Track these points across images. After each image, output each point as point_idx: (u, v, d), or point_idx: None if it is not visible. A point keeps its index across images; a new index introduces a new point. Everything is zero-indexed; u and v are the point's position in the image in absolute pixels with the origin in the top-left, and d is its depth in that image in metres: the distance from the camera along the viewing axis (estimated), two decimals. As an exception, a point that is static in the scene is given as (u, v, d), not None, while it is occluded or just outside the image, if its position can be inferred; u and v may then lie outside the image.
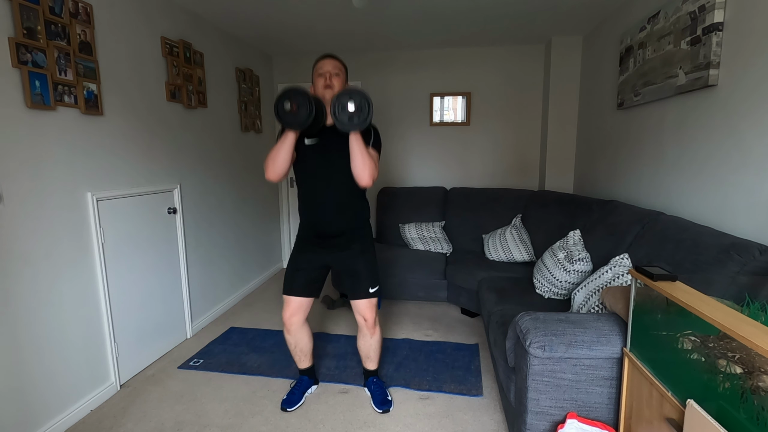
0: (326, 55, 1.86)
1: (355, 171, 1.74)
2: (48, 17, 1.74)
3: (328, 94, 1.80)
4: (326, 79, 1.81)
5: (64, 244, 1.85)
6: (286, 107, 1.62)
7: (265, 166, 1.76)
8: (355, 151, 1.71)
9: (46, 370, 1.77)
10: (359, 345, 2.05)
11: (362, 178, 1.74)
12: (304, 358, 2.06)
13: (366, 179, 1.74)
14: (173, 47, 2.56)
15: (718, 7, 1.72)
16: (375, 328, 1.98)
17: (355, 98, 1.63)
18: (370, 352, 2.03)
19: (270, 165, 1.74)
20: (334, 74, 1.82)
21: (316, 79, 1.85)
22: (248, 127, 3.56)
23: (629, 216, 2.12)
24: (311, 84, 1.89)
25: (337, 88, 1.81)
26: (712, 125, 1.81)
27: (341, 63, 1.87)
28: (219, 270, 3.14)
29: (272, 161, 1.74)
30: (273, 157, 1.74)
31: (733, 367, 0.87)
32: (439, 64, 3.85)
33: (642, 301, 1.22)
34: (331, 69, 1.82)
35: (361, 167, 1.72)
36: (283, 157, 1.73)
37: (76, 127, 1.90)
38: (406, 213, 3.68)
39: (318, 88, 1.83)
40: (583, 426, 1.34)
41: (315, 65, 1.86)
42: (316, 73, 1.85)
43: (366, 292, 1.92)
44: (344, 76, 1.88)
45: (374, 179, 1.76)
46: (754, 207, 1.58)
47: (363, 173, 1.73)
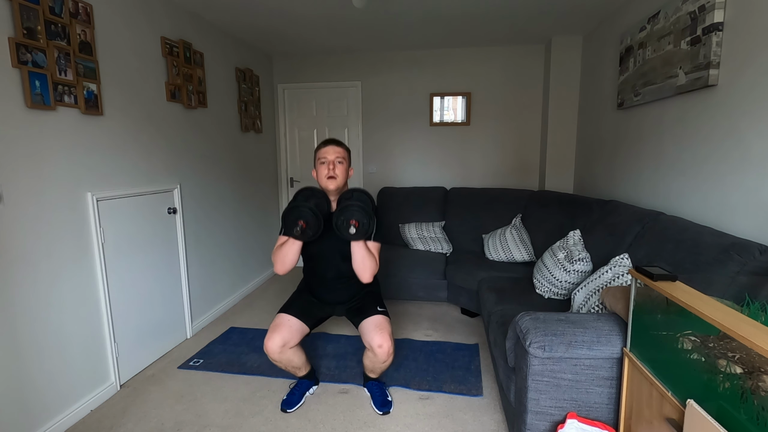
0: (328, 142, 1.88)
1: (356, 269, 1.80)
2: (48, 17, 1.74)
3: (331, 184, 1.83)
4: (329, 169, 1.83)
5: (64, 244, 1.85)
6: (296, 230, 1.69)
7: (274, 261, 1.82)
8: (356, 254, 1.77)
9: (46, 370, 1.77)
10: (366, 362, 1.95)
11: (362, 276, 1.80)
12: (299, 370, 2.00)
13: (367, 278, 1.79)
14: (173, 47, 2.56)
15: (718, 7, 1.72)
16: (390, 355, 1.83)
17: (356, 217, 1.68)
18: (376, 369, 1.96)
19: (279, 265, 1.80)
20: (337, 163, 1.84)
21: (318, 166, 1.86)
22: (248, 127, 3.56)
23: (629, 216, 2.12)
24: (314, 168, 1.91)
25: (341, 177, 1.84)
26: (712, 125, 1.81)
27: (344, 149, 1.89)
28: (219, 270, 3.14)
29: (281, 262, 1.79)
30: (281, 259, 1.79)
31: (733, 367, 0.87)
32: (439, 64, 3.85)
33: (642, 301, 1.22)
34: (334, 158, 1.84)
35: (362, 268, 1.78)
36: (292, 258, 1.79)
37: (76, 127, 1.90)
38: (406, 213, 3.68)
39: (321, 178, 1.85)
40: (583, 426, 1.34)
41: (317, 151, 1.89)
42: (318, 161, 1.87)
43: (375, 310, 1.91)
44: (347, 163, 1.90)
45: (374, 274, 1.82)
46: (754, 207, 1.58)
47: (364, 273, 1.79)
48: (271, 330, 1.83)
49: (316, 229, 1.74)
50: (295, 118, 4.22)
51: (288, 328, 1.84)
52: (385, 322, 1.86)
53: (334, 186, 1.83)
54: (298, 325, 1.88)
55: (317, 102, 4.15)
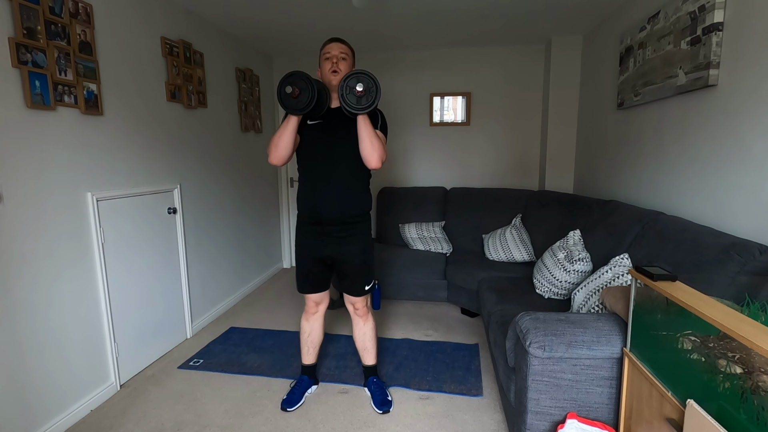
0: (333, 39, 1.84)
1: (364, 153, 1.74)
2: (48, 17, 1.74)
3: (335, 78, 1.79)
4: (333, 63, 1.79)
5: (64, 244, 1.85)
6: (287, 91, 1.62)
7: (269, 151, 1.78)
8: (364, 134, 1.71)
9: (46, 370, 1.77)
10: (355, 337, 2.08)
11: (371, 159, 1.74)
12: (312, 350, 2.09)
13: (375, 161, 1.74)
14: (173, 47, 2.56)
15: (718, 7, 1.72)
16: (367, 316, 2.02)
17: (363, 80, 1.62)
18: (366, 342, 2.05)
19: (273, 149, 1.75)
20: (341, 58, 1.80)
21: (323, 62, 1.83)
22: (248, 127, 3.56)
23: (629, 216, 2.12)
24: (318, 68, 1.88)
25: (345, 72, 1.80)
26: (712, 125, 1.81)
27: (349, 47, 1.86)
28: (219, 270, 3.14)
29: (275, 145, 1.75)
30: (276, 142, 1.74)
31: (733, 367, 0.87)
32: (439, 64, 3.85)
33: (642, 301, 1.22)
34: (338, 53, 1.80)
35: (370, 149, 1.72)
36: (286, 140, 1.73)
37: (76, 127, 1.90)
38: (406, 213, 3.68)
39: (325, 73, 1.82)
40: (583, 426, 1.34)
41: (322, 48, 1.85)
42: (323, 57, 1.83)
43: (361, 290, 1.94)
44: (351, 60, 1.86)
45: (383, 161, 1.77)
46: (754, 207, 1.58)
47: (372, 155, 1.73)
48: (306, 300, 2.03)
49: (309, 95, 1.63)
50: (295, 118, 4.21)
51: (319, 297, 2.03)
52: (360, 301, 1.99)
53: (338, 80, 1.76)
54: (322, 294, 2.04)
55: (317, 102, 4.14)
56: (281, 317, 3.06)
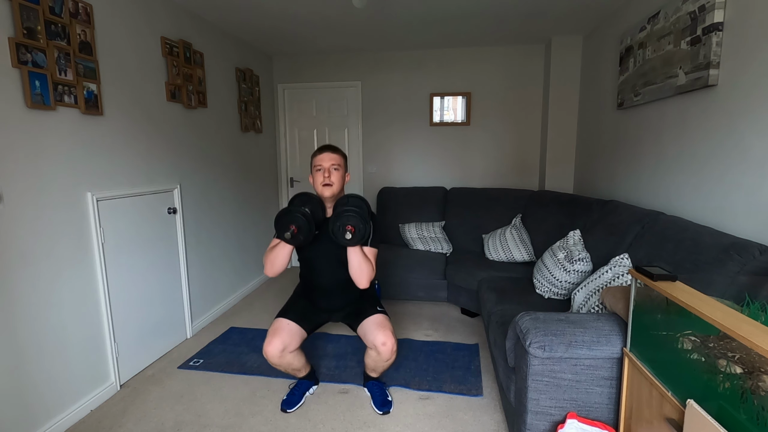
0: (324, 149, 1.87)
1: (352, 275, 1.79)
2: (48, 17, 1.74)
3: (327, 191, 1.83)
4: (324, 176, 1.83)
5: (64, 244, 1.85)
6: (287, 235, 1.68)
7: (264, 263, 1.83)
8: (353, 260, 1.76)
9: (46, 370, 1.77)
10: (368, 361, 1.93)
11: (359, 282, 1.79)
12: (299, 372, 2.00)
13: (363, 283, 1.79)
14: (173, 47, 2.56)
15: (718, 7, 1.72)
16: (393, 354, 1.83)
17: (351, 222, 1.68)
18: (378, 368, 1.95)
19: (269, 266, 1.81)
20: (333, 170, 1.84)
21: (314, 173, 1.86)
22: (248, 127, 3.56)
23: (629, 216, 2.12)
24: (310, 174, 1.91)
25: (337, 184, 1.84)
26: (712, 125, 1.81)
27: (340, 155, 1.88)
28: (219, 270, 3.14)
29: (271, 264, 1.80)
30: (272, 261, 1.79)
31: (733, 367, 0.87)
32: (439, 64, 3.85)
33: (642, 301, 1.22)
34: (330, 165, 1.84)
35: (359, 273, 1.78)
36: (282, 262, 1.80)
37: (76, 127, 1.90)
38: (406, 213, 3.68)
39: (317, 185, 1.85)
40: (583, 426, 1.34)
41: (312, 158, 1.88)
42: (314, 168, 1.87)
43: (374, 310, 1.92)
44: (344, 169, 1.90)
45: (371, 280, 1.81)
46: (754, 207, 1.58)
47: (360, 278, 1.78)
48: (270, 334, 1.82)
49: (307, 233, 1.73)
50: (295, 118, 4.22)
51: (288, 332, 1.84)
52: (386, 320, 1.88)
53: (330, 193, 1.84)
54: (297, 329, 1.87)
55: (317, 102, 4.15)
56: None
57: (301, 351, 1.96)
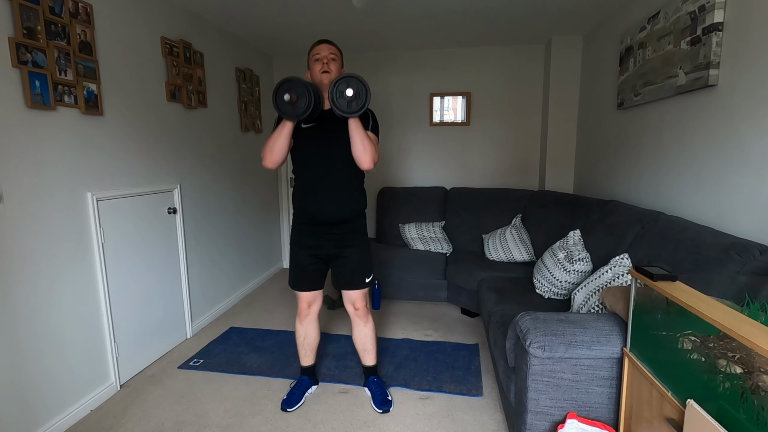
0: (322, 41, 1.86)
1: (356, 154, 1.75)
2: (48, 17, 1.74)
3: (326, 78, 1.80)
4: (323, 63, 1.81)
5: (64, 244, 1.85)
6: (285, 98, 1.63)
7: (263, 154, 1.78)
8: (355, 136, 1.72)
9: (46, 370, 1.77)
10: (355, 338, 2.06)
11: (363, 161, 1.76)
12: (309, 353, 2.08)
13: (368, 162, 1.76)
14: (173, 47, 2.56)
15: (718, 7, 1.72)
16: (367, 317, 2.02)
17: (352, 84, 1.64)
18: (366, 343, 2.05)
19: (268, 153, 1.76)
20: (331, 59, 1.82)
21: (312, 64, 1.85)
22: (248, 127, 3.56)
23: (629, 216, 2.12)
24: (308, 69, 1.89)
25: (335, 72, 1.82)
26: (712, 125, 1.81)
27: (337, 48, 1.88)
28: (219, 270, 3.14)
29: (270, 150, 1.75)
30: (270, 146, 1.75)
31: (733, 367, 0.87)
32: (439, 64, 3.85)
33: (642, 301, 1.22)
34: (328, 53, 1.82)
35: (362, 151, 1.74)
36: (281, 145, 1.74)
37: (76, 127, 1.90)
38: (406, 213, 3.68)
39: (315, 73, 1.83)
40: (583, 426, 1.34)
41: (311, 50, 1.87)
42: (312, 58, 1.85)
43: (361, 283, 1.94)
44: (340, 61, 1.88)
45: (375, 162, 1.79)
46: (754, 207, 1.58)
47: (364, 156, 1.75)
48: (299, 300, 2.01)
49: (306, 102, 1.64)
50: (295, 118, 4.21)
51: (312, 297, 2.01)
52: (360, 296, 1.97)
53: (329, 80, 1.78)
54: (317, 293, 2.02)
55: (317, 102, 4.14)
56: (281, 317, 3.06)
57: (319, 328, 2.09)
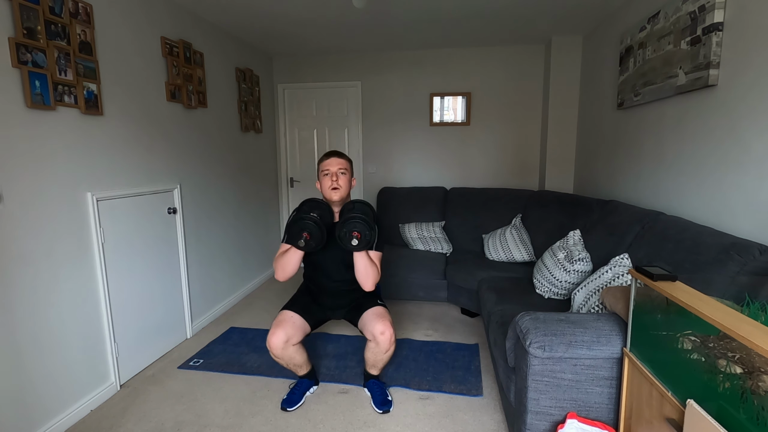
0: (331, 154, 1.93)
1: (358, 278, 1.84)
2: (48, 17, 1.74)
3: (335, 195, 1.88)
4: (332, 180, 1.88)
5: (64, 244, 1.85)
6: (300, 245, 1.72)
7: (275, 269, 1.85)
8: (359, 264, 1.80)
9: (46, 370, 1.77)
10: (368, 353, 1.95)
11: (365, 285, 1.84)
12: (301, 368, 2.01)
13: (369, 286, 1.84)
14: (173, 47, 2.56)
15: (718, 7, 1.72)
16: (392, 343, 1.86)
17: (358, 228, 1.71)
18: (378, 362, 1.98)
19: (280, 271, 1.83)
20: (340, 173, 1.89)
21: (322, 178, 1.92)
22: (248, 127, 3.56)
23: (629, 216, 2.12)
24: (317, 179, 1.96)
25: (344, 188, 1.90)
26: (712, 125, 1.81)
27: (347, 160, 1.94)
28: (219, 270, 3.14)
29: (282, 269, 1.83)
30: (283, 266, 1.82)
31: (733, 367, 0.87)
32: (439, 64, 3.85)
33: (642, 301, 1.22)
34: (337, 169, 1.90)
35: (365, 276, 1.82)
36: (292, 268, 1.83)
37: (76, 127, 1.90)
38: (406, 213, 3.68)
39: (324, 189, 1.91)
40: (583, 426, 1.34)
41: (320, 164, 1.94)
42: (321, 172, 1.92)
43: (374, 303, 1.97)
44: (350, 173, 1.95)
45: (376, 282, 1.85)
46: (754, 207, 1.58)
47: (366, 282, 1.83)
48: (275, 326, 1.86)
49: (319, 240, 1.76)
50: (295, 118, 4.22)
51: (291, 324, 1.88)
52: (385, 312, 1.94)
53: (338, 197, 1.89)
54: (301, 322, 1.91)
55: (317, 102, 4.15)
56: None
57: (303, 347, 1.97)
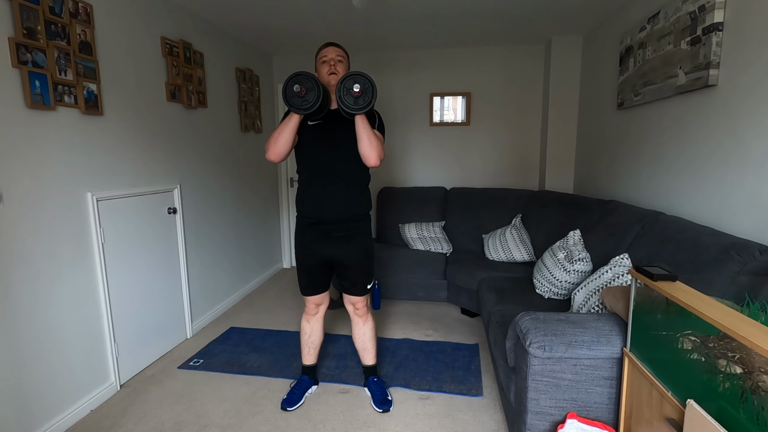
0: (329, 43, 1.90)
1: (362, 151, 1.77)
2: (48, 17, 1.74)
3: (333, 80, 1.83)
4: (330, 65, 1.84)
5: (64, 244, 1.85)
6: (294, 90, 1.65)
7: (267, 146, 1.79)
8: (362, 133, 1.74)
9: (46, 370, 1.77)
10: (354, 337, 2.08)
11: (370, 157, 1.77)
12: (313, 351, 2.10)
13: (374, 159, 1.77)
14: (173, 47, 2.56)
15: (718, 7, 1.72)
16: (367, 316, 2.04)
17: (359, 81, 1.66)
18: (365, 342, 2.06)
19: (272, 145, 1.77)
20: (338, 61, 1.86)
21: (319, 66, 1.88)
22: (248, 127, 3.56)
23: (629, 216, 2.12)
24: (315, 72, 1.92)
25: (342, 74, 1.85)
26: (712, 125, 1.81)
27: (344, 51, 1.91)
28: (219, 270, 3.14)
29: (274, 141, 1.76)
30: (275, 138, 1.76)
31: (733, 367, 0.87)
32: (439, 64, 3.85)
33: (642, 301, 1.22)
34: (335, 56, 1.86)
35: (369, 147, 1.75)
36: (286, 137, 1.75)
37: (76, 127, 1.90)
38: (406, 213, 3.68)
39: (322, 75, 1.86)
40: (583, 426, 1.34)
41: (318, 53, 1.91)
42: (319, 61, 1.89)
43: (363, 290, 1.97)
44: (347, 63, 1.92)
45: (381, 159, 1.80)
46: (754, 207, 1.58)
47: (371, 153, 1.76)
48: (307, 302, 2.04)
49: (315, 95, 1.65)
50: (295, 118, 4.21)
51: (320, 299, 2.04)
52: (361, 301, 2.00)
53: (336, 82, 1.79)
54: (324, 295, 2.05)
55: (317, 102, 4.14)
56: (281, 317, 3.06)
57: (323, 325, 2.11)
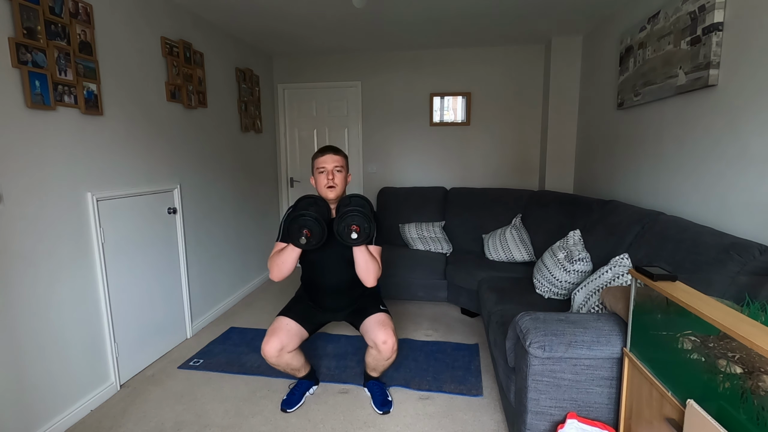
0: (326, 150, 1.87)
1: (359, 273, 1.80)
2: (48, 17, 1.74)
3: (331, 193, 1.84)
4: (328, 178, 1.83)
5: (64, 244, 1.85)
6: (302, 242, 1.67)
7: (270, 269, 1.81)
8: (359, 259, 1.77)
9: (46, 371, 1.77)
10: (369, 360, 1.95)
11: (366, 280, 1.80)
12: (298, 372, 2.00)
13: (370, 281, 1.80)
14: (173, 47, 2.56)
15: (718, 7, 1.72)
16: (395, 352, 1.84)
17: (356, 221, 1.68)
18: (378, 367, 1.96)
19: (276, 271, 1.79)
20: (336, 171, 1.84)
21: (317, 176, 1.86)
22: (248, 127, 3.56)
23: (629, 216, 2.12)
24: (311, 175, 1.91)
25: (340, 186, 1.85)
26: (712, 125, 1.81)
27: (342, 156, 1.89)
28: (219, 270, 3.14)
29: (278, 269, 1.78)
30: (279, 266, 1.77)
31: (733, 367, 0.87)
32: (439, 64, 3.85)
33: (642, 301, 1.22)
34: (333, 167, 1.84)
35: (365, 271, 1.78)
36: (289, 266, 1.78)
37: (76, 127, 1.90)
38: (406, 213, 3.68)
39: (320, 187, 1.86)
40: (583, 426, 1.34)
41: (314, 160, 1.88)
42: (316, 170, 1.87)
43: (377, 308, 1.94)
44: (346, 170, 1.91)
45: (378, 277, 1.82)
46: (754, 207, 1.58)
47: (367, 276, 1.79)
48: (269, 334, 1.82)
49: (319, 237, 1.71)
50: (295, 118, 4.22)
51: (287, 332, 1.84)
52: (388, 319, 1.89)
53: (334, 195, 1.85)
54: (297, 329, 1.87)
55: (317, 102, 4.15)
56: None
57: (300, 351, 1.96)
